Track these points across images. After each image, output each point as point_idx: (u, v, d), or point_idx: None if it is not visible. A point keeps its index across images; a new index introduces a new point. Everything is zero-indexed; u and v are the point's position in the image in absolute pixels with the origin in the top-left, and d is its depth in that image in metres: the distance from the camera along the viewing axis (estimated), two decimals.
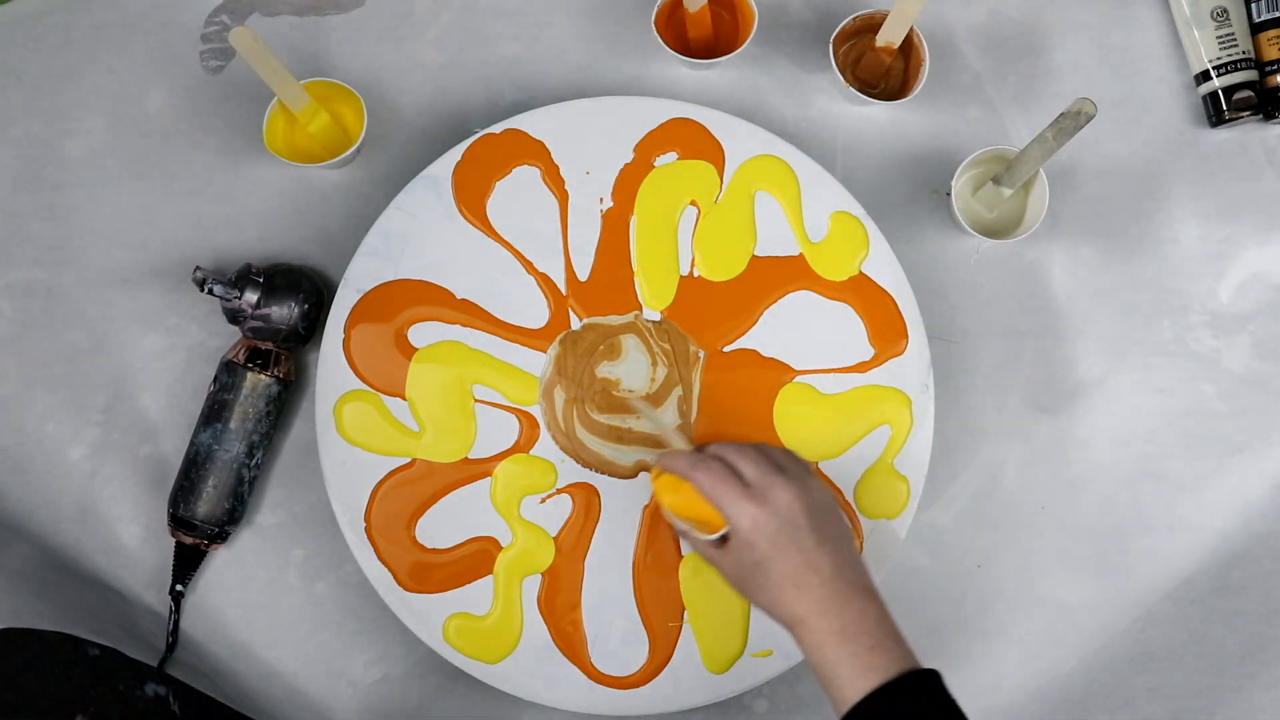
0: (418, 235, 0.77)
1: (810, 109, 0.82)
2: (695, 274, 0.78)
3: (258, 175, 0.81)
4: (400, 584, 0.75)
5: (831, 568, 0.63)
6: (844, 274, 0.77)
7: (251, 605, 0.79)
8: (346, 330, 0.76)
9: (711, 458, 0.66)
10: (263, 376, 0.76)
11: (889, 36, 0.76)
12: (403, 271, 0.77)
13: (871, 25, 0.78)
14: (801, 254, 0.77)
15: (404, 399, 0.76)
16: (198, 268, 0.74)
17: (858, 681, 0.59)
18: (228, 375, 0.76)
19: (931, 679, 0.60)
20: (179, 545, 0.77)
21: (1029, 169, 0.73)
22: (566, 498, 0.76)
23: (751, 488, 0.64)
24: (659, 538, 0.76)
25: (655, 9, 0.77)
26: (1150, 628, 0.80)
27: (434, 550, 0.76)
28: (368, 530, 0.75)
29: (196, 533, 0.76)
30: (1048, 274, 0.81)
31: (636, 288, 0.77)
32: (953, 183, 0.77)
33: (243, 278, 0.75)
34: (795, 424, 0.77)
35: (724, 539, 0.66)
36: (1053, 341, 0.81)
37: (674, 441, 0.70)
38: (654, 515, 0.76)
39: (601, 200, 0.78)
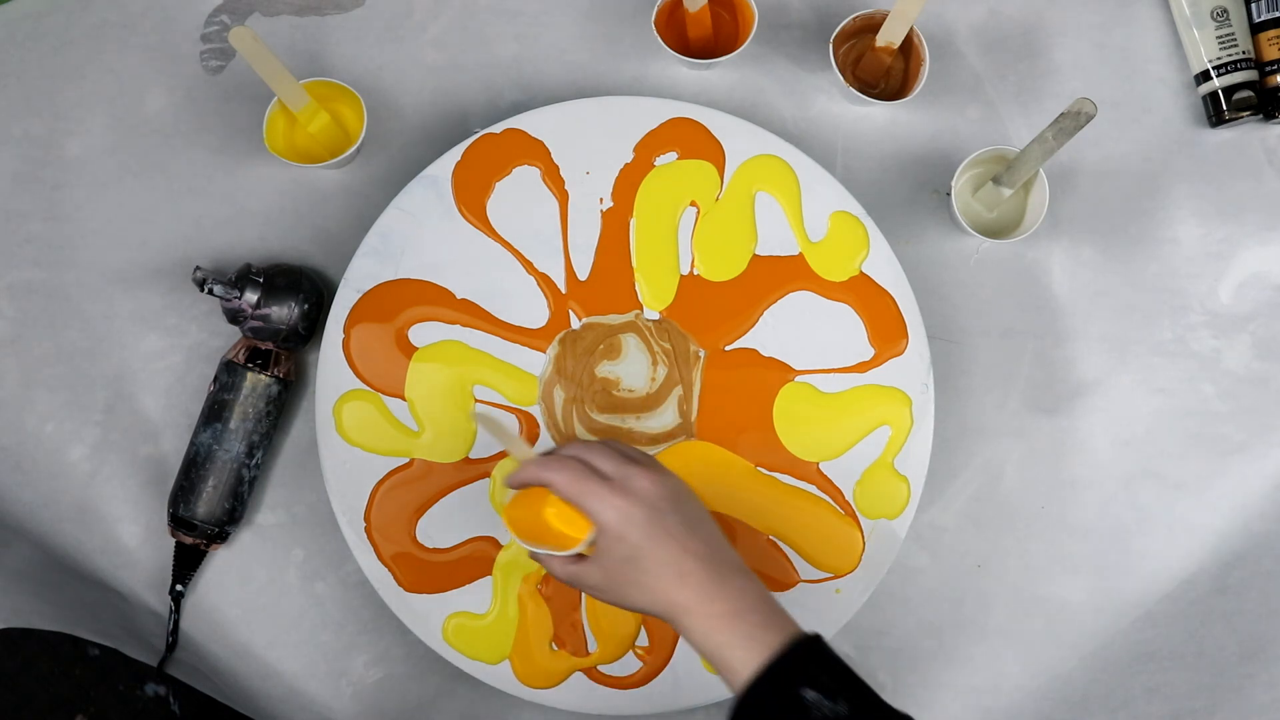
0: (418, 235, 0.77)
1: (810, 109, 0.82)
2: (695, 273, 0.78)
3: (258, 175, 0.81)
4: (400, 584, 0.75)
5: (705, 550, 0.62)
6: (844, 274, 0.77)
7: (251, 605, 0.79)
8: (346, 330, 0.76)
9: (566, 457, 0.64)
10: (263, 376, 0.76)
11: (889, 36, 0.76)
12: (403, 271, 0.77)
13: (871, 25, 0.78)
14: (801, 254, 0.77)
15: (404, 399, 0.76)
16: (198, 268, 0.74)
17: (750, 658, 0.60)
18: (228, 375, 0.76)
19: (816, 642, 0.61)
20: (179, 545, 0.77)
21: (1029, 169, 0.74)
22: None
23: (612, 480, 0.62)
24: None
25: (655, 9, 0.77)
26: (1150, 628, 0.80)
27: (434, 550, 0.76)
28: (368, 530, 0.76)
29: (196, 533, 0.76)
30: (1048, 274, 0.81)
31: (636, 287, 0.77)
32: (953, 183, 0.77)
33: (243, 278, 0.75)
34: (795, 424, 0.77)
35: (580, 556, 0.64)
36: (1053, 341, 0.81)
37: (519, 451, 0.65)
38: None
39: (601, 200, 0.78)
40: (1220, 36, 0.80)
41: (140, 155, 0.81)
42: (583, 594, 0.75)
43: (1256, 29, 0.81)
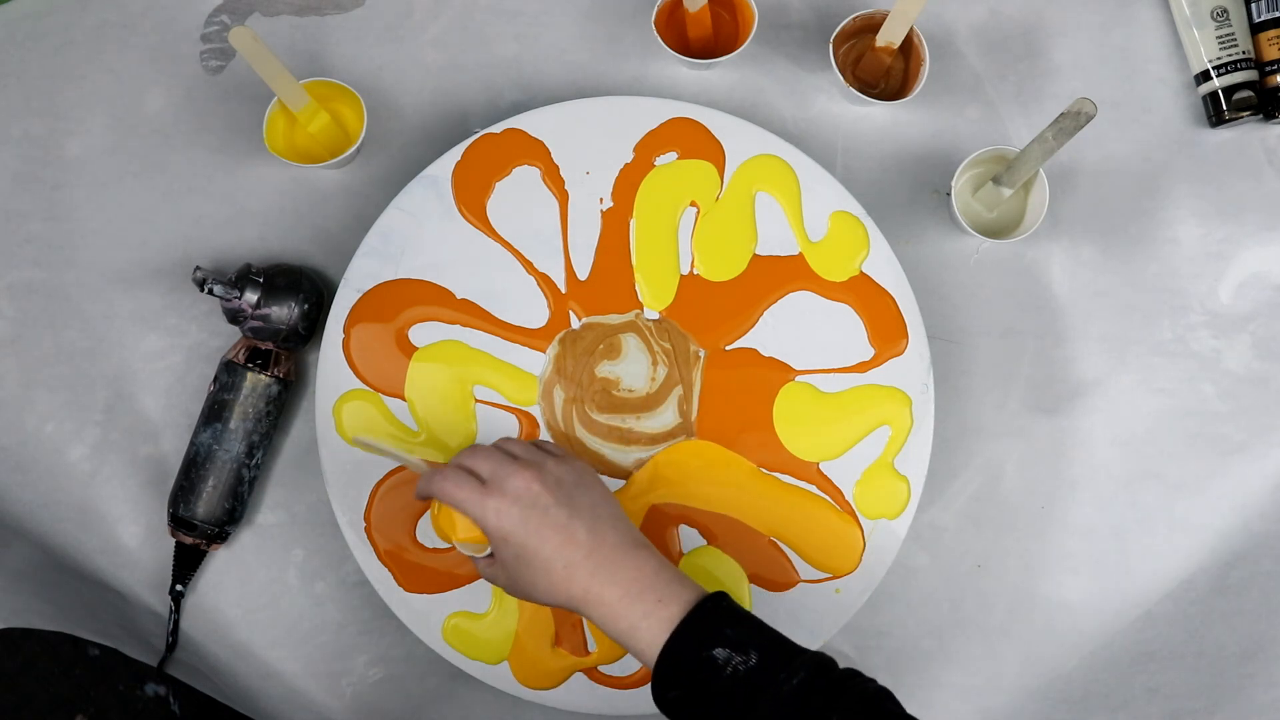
0: (418, 235, 0.77)
1: (810, 109, 0.82)
2: (695, 273, 0.78)
3: (258, 175, 0.81)
4: (400, 584, 0.75)
5: (590, 537, 0.63)
6: (844, 274, 0.77)
7: (251, 605, 0.79)
8: (346, 330, 0.76)
9: (449, 466, 0.66)
10: (263, 376, 0.76)
11: (889, 36, 0.76)
12: (403, 271, 0.77)
13: (871, 25, 0.78)
14: (801, 254, 0.77)
15: (404, 399, 0.76)
16: (198, 268, 0.74)
17: (657, 636, 0.60)
18: (228, 375, 0.76)
19: (718, 601, 0.61)
20: (179, 545, 0.77)
21: (1029, 169, 0.74)
22: None
23: (488, 484, 0.64)
24: (658, 536, 0.76)
25: (655, 9, 0.77)
26: (1150, 628, 0.80)
27: (434, 550, 0.76)
28: (368, 530, 0.75)
29: (196, 533, 0.76)
30: (1048, 274, 0.81)
31: (636, 287, 0.77)
32: (953, 183, 0.77)
33: (243, 278, 0.75)
34: (795, 424, 0.77)
35: (493, 556, 0.66)
36: (1053, 341, 0.81)
37: (412, 465, 0.69)
38: (654, 513, 0.76)
39: (601, 200, 0.78)
40: (1220, 36, 0.80)
41: (140, 155, 0.81)
42: None
43: (1256, 29, 0.81)
